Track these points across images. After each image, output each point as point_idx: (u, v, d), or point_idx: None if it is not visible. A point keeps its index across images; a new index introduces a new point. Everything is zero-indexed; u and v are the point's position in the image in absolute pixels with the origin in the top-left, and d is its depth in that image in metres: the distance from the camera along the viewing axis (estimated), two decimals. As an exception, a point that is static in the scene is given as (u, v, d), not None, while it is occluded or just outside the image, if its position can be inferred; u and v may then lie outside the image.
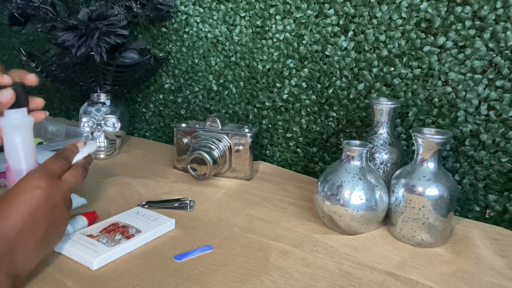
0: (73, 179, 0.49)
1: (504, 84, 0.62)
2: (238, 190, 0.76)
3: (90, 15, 0.83)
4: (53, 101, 1.33)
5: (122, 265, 0.50)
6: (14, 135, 0.49)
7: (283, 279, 0.48)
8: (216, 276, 0.48)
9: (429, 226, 0.56)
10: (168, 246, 0.55)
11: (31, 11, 0.88)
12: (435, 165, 0.56)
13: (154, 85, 1.06)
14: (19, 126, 0.49)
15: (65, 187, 0.48)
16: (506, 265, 0.53)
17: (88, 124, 0.89)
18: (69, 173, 0.49)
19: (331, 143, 0.82)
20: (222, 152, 0.78)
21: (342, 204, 0.57)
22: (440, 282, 0.49)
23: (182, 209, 0.66)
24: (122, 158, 0.93)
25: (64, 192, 0.47)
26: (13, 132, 0.49)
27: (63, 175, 0.49)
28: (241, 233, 0.59)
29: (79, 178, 0.50)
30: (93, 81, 0.89)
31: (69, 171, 0.50)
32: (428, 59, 0.67)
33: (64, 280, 0.46)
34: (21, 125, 0.49)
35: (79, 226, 0.56)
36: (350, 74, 0.76)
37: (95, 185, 0.74)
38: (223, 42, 0.91)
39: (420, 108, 0.70)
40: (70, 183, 0.48)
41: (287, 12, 0.81)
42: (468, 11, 0.63)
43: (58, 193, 0.46)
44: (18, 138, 0.49)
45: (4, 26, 1.38)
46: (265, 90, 0.87)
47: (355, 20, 0.73)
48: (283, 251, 0.54)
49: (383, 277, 0.49)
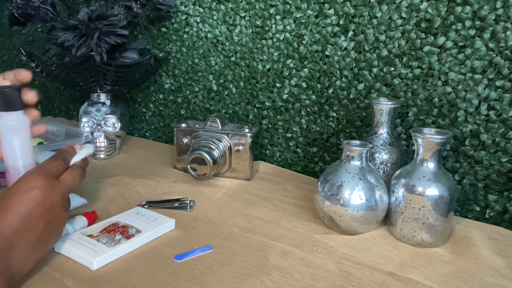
0: (71, 180, 0.49)
1: (504, 84, 0.62)
2: (238, 190, 0.76)
3: (90, 15, 0.83)
4: (53, 101, 1.33)
5: (122, 265, 0.50)
6: (11, 136, 0.49)
7: (283, 279, 0.48)
8: (216, 276, 0.49)
9: (429, 226, 0.56)
10: (168, 246, 0.55)
11: (31, 11, 0.88)
12: (435, 165, 0.56)
13: (154, 85, 1.06)
14: (15, 127, 0.49)
15: (62, 187, 0.48)
16: (506, 265, 0.53)
17: (88, 124, 0.89)
18: (66, 174, 0.49)
19: (331, 143, 0.82)
20: (222, 152, 0.78)
21: (342, 204, 0.57)
22: (440, 282, 0.49)
23: (182, 209, 0.66)
24: (122, 158, 0.93)
25: (61, 192, 0.47)
26: (10, 133, 0.49)
27: (61, 175, 0.49)
28: (241, 233, 0.59)
29: (77, 179, 0.50)
30: (93, 81, 0.89)
31: (67, 172, 0.50)
32: (428, 59, 0.67)
33: (64, 280, 0.46)
34: (18, 126, 0.49)
35: (78, 226, 0.56)
36: (350, 74, 0.76)
37: (95, 185, 0.74)
38: (223, 42, 0.91)
39: (420, 108, 0.70)
40: (67, 183, 0.48)
41: (287, 12, 0.81)
42: (468, 11, 0.63)
43: (55, 193, 0.46)
44: (15, 139, 0.49)
45: (4, 26, 1.38)
46: (265, 90, 0.87)
47: (355, 20, 0.73)
48: (283, 251, 0.54)
49: (383, 277, 0.49)
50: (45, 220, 0.45)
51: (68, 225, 0.55)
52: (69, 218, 0.57)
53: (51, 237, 0.47)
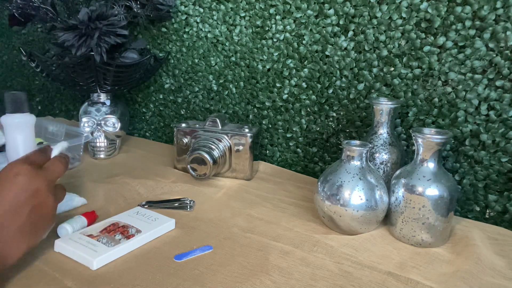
0: (54, 167, 0.50)
1: (504, 84, 0.62)
2: (238, 190, 0.76)
3: (90, 15, 0.83)
4: (53, 101, 1.33)
5: (122, 265, 0.50)
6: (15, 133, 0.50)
7: (283, 279, 0.48)
8: (216, 276, 0.48)
9: (429, 226, 0.56)
10: (168, 246, 0.55)
11: (31, 11, 0.88)
12: (435, 165, 0.56)
13: (154, 85, 1.06)
14: (20, 124, 0.51)
15: (46, 173, 0.48)
16: (506, 265, 0.53)
17: (88, 124, 0.89)
18: (49, 163, 0.50)
19: (331, 143, 0.82)
20: (222, 152, 0.78)
21: (342, 204, 0.57)
22: (440, 282, 0.49)
23: (182, 209, 0.66)
24: (122, 158, 0.93)
25: (46, 178, 0.48)
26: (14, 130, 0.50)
27: (43, 165, 0.50)
28: (241, 233, 0.59)
29: (60, 166, 0.51)
30: (93, 81, 0.89)
31: (49, 161, 0.51)
32: (428, 59, 0.67)
33: (64, 280, 0.46)
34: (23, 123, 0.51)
35: (78, 226, 0.56)
36: (350, 74, 0.76)
37: (95, 185, 0.74)
38: (223, 42, 0.91)
39: (420, 108, 0.70)
40: (51, 170, 0.49)
41: (287, 12, 0.81)
42: (468, 11, 0.63)
43: (39, 178, 0.47)
44: (19, 136, 0.51)
45: (4, 26, 1.38)
46: (265, 90, 0.87)
47: (355, 20, 0.73)
48: (284, 251, 0.54)
49: (383, 277, 0.49)
50: (31, 205, 0.45)
51: (68, 225, 0.55)
52: (69, 218, 0.57)
53: (40, 224, 0.47)
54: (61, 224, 0.55)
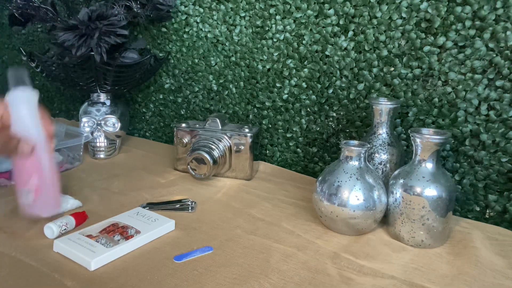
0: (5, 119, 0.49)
1: (504, 84, 0.62)
2: (238, 190, 0.75)
3: (90, 15, 0.83)
4: (53, 101, 1.33)
5: (120, 265, 0.50)
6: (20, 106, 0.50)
7: (282, 282, 0.48)
8: (215, 277, 0.48)
9: (428, 227, 0.55)
10: (168, 247, 0.55)
11: (31, 11, 0.88)
12: (434, 166, 0.56)
13: (154, 85, 1.06)
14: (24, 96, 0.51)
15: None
16: (507, 265, 0.53)
17: (88, 124, 0.89)
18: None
19: (331, 143, 0.81)
20: (222, 152, 0.78)
21: (339, 204, 0.57)
22: (440, 282, 0.49)
23: (183, 210, 0.66)
24: (122, 158, 0.93)
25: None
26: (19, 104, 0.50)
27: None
28: (244, 235, 0.59)
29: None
30: (93, 81, 0.89)
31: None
32: (428, 59, 0.67)
33: (63, 280, 0.47)
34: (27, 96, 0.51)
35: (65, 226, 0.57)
36: (350, 74, 0.76)
37: (95, 185, 0.74)
38: (223, 42, 0.91)
39: (420, 108, 0.69)
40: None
41: (287, 12, 0.80)
42: (468, 11, 0.63)
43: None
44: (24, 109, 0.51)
45: (4, 26, 1.38)
46: (265, 90, 0.87)
47: (355, 20, 0.73)
48: (286, 254, 0.54)
49: (383, 278, 0.49)
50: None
51: (53, 225, 0.55)
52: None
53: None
54: (47, 224, 0.55)
